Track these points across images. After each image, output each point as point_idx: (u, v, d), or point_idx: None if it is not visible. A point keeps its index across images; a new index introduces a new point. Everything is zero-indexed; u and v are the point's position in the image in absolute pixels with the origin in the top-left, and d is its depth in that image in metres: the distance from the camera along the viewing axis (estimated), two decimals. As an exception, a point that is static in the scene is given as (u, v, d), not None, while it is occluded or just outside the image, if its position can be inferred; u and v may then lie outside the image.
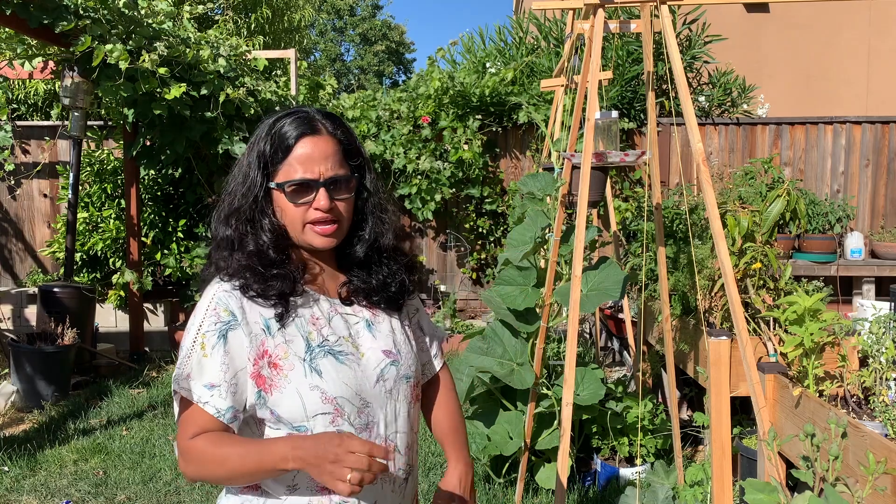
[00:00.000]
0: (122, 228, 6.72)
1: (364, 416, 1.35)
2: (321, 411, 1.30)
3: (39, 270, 7.39)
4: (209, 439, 1.27)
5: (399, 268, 1.47)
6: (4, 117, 6.40)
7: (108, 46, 4.88)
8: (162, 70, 5.08)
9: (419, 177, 7.12)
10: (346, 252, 1.45)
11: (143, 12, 5.41)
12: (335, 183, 1.34)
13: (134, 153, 5.98)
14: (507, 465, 3.61)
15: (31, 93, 8.00)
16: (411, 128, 7.18)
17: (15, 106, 8.04)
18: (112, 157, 7.05)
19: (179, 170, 6.45)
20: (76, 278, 6.63)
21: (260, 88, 6.01)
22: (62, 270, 6.32)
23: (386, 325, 1.45)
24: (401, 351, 1.44)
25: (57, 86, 7.14)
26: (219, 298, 1.31)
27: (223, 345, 1.28)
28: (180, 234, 6.75)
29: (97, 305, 6.17)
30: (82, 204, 6.87)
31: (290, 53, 7.38)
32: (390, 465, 1.40)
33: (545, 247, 3.54)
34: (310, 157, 1.32)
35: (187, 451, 1.28)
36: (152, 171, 6.64)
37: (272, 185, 1.33)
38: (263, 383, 1.30)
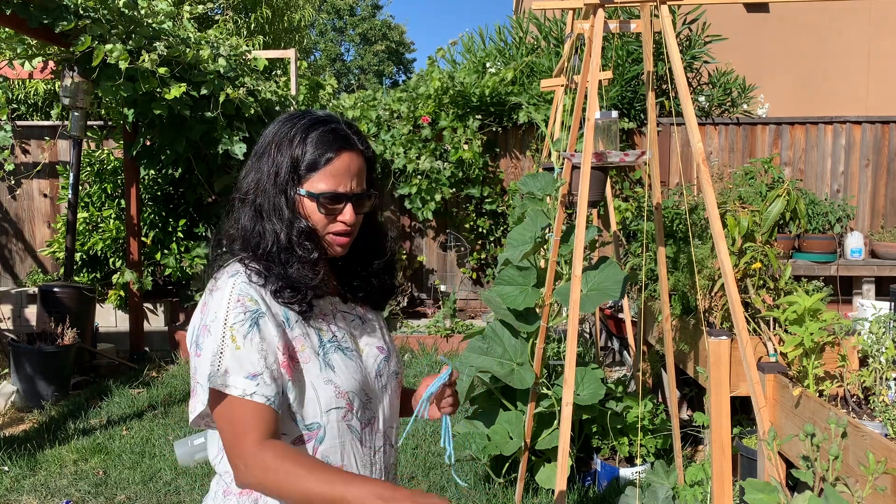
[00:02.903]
0: (122, 228, 6.72)
1: (369, 411, 1.39)
2: (335, 406, 1.33)
3: (39, 270, 7.39)
4: (280, 450, 1.21)
5: (389, 269, 1.52)
6: (4, 117, 6.40)
7: (108, 46, 4.88)
8: (162, 70, 5.08)
9: (419, 177, 7.12)
10: (346, 257, 1.48)
11: (143, 12, 5.41)
12: (360, 198, 1.38)
13: (134, 153, 5.98)
14: (507, 465, 3.61)
15: (31, 93, 8.00)
16: (411, 128, 7.18)
17: (15, 106, 8.04)
18: (112, 157, 7.05)
19: (179, 170, 6.45)
20: (76, 278, 6.63)
21: (260, 88, 6.01)
22: (62, 270, 6.33)
23: (375, 323, 1.51)
24: (389, 347, 1.49)
25: (57, 86, 7.14)
26: (240, 290, 1.29)
27: (257, 332, 1.26)
28: (180, 234, 6.75)
29: (97, 305, 6.17)
30: (82, 204, 6.86)
31: (290, 53, 7.38)
32: (389, 461, 1.45)
33: (545, 247, 3.54)
34: (346, 171, 1.35)
35: (253, 462, 1.20)
36: (152, 171, 6.64)
37: (302, 192, 1.34)
38: (291, 374, 1.30)
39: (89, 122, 6.80)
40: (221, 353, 1.25)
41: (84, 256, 6.81)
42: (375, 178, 1.45)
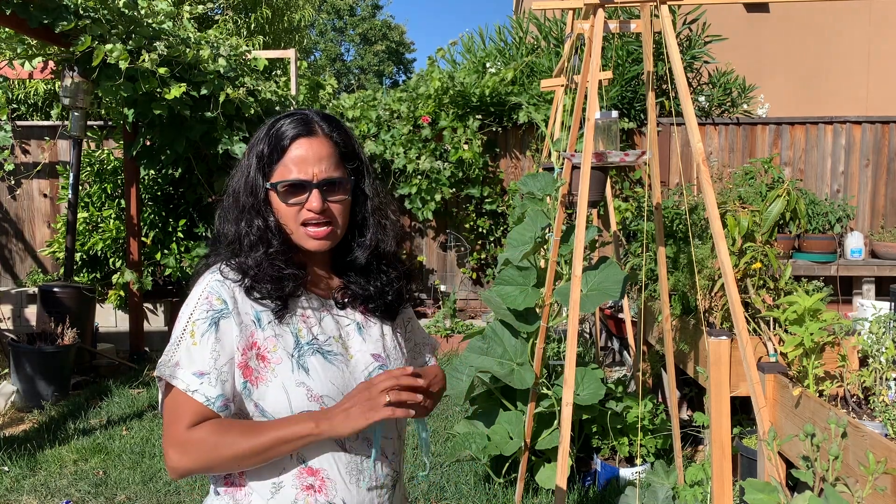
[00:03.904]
0: (122, 228, 6.72)
1: None
2: (306, 408, 1.31)
3: (39, 270, 7.39)
4: (213, 426, 1.27)
5: (397, 275, 1.47)
6: (4, 117, 6.39)
7: (108, 46, 4.88)
8: (162, 70, 5.08)
9: (419, 177, 7.12)
10: (343, 255, 1.45)
11: (143, 12, 5.41)
12: (329, 185, 1.35)
13: (134, 153, 5.98)
14: (507, 465, 3.61)
15: (31, 93, 8.00)
16: (411, 128, 7.18)
17: (15, 106, 8.04)
18: (112, 157, 7.05)
19: (179, 170, 6.45)
20: (76, 278, 6.63)
21: (260, 88, 6.01)
22: (62, 270, 6.33)
23: (377, 330, 1.45)
24: (390, 356, 1.44)
25: (57, 86, 7.14)
26: (211, 287, 1.32)
27: (214, 332, 1.29)
28: (180, 234, 6.75)
29: (97, 305, 6.17)
30: (82, 204, 6.86)
31: (290, 53, 7.38)
32: (379, 472, 1.39)
33: (545, 247, 3.54)
34: (304, 158, 1.34)
35: (186, 442, 1.26)
36: (152, 171, 6.64)
37: (268, 185, 1.35)
38: (250, 374, 1.31)
39: (89, 122, 6.80)
40: (178, 344, 1.30)
41: (84, 256, 6.81)
42: (361, 167, 1.42)
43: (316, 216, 1.34)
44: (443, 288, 7.54)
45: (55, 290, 5.57)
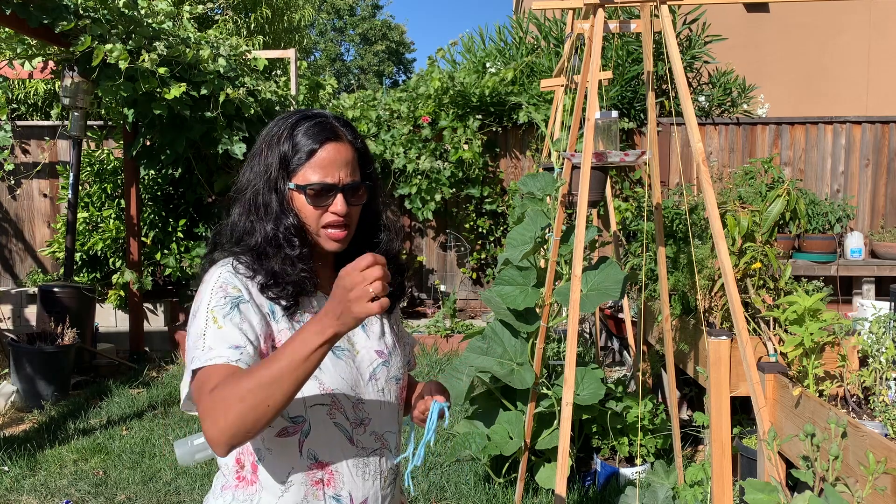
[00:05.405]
0: (122, 228, 6.72)
1: (359, 412, 1.39)
2: (319, 402, 1.33)
3: (39, 270, 7.39)
4: (230, 378, 1.17)
5: (396, 270, 1.51)
6: (4, 117, 6.40)
7: (108, 46, 4.88)
8: (162, 70, 5.08)
9: (419, 177, 7.12)
10: (348, 254, 1.47)
11: (143, 12, 5.41)
12: (352, 189, 1.38)
13: (134, 153, 5.98)
14: (507, 465, 3.61)
15: (31, 93, 8.00)
16: (411, 128, 7.18)
17: (15, 106, 8.04)
18: (112, 157, 7.05)
19: (179, 170, 6.46)
20: (76, 278, 6.63)
21: (260, 88, 6.01)
22: (62, 270, 6.33)
23: (378, 327, 1.49)
24: (391, 353, 1.49)
25: (57, 86, 7.14)
26: (224, 278, 1.32)
27: (238, 313, 1.28)
28: (180, 234, 6.75)
29: (97, 305, 6.17)
30: (82, 204, 6.86)
31: (290, 53, 7.38)
32: (383, 466, 1.43)
33: (545, 247, 3.54)
34: (333, 161, 1.36)
35: (210, 402, 1.15)
36: (152, 171, 6.64)
37: (291, 185, 1.36)
38: None
39: (89, 122, 6.80)
40: (204, 334, 1.26)
41: (84, 256, 6.81)
42: (373, 172, 1.46)
43: (338, 219, 1.37)
44: (443, 288, 7.54)
45: (55, 290, 5.57)
